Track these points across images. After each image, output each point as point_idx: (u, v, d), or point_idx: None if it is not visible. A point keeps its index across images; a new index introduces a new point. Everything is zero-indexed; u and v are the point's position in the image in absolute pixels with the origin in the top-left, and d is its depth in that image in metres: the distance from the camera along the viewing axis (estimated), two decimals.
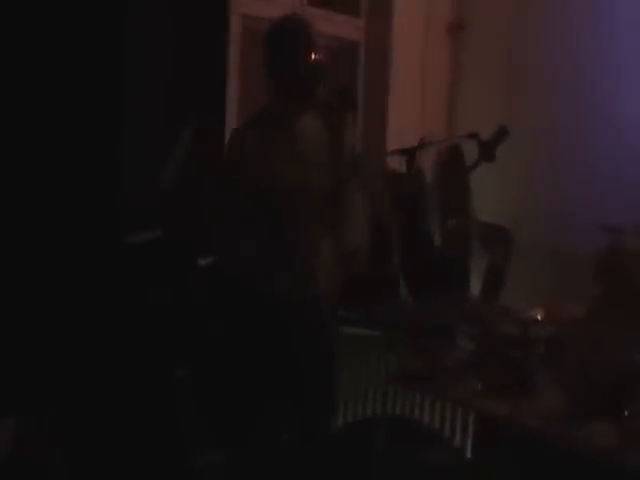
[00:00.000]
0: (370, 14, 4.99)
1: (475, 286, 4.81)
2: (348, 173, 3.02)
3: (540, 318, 3.71)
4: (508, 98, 5.00)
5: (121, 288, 3.39)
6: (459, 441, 3.44)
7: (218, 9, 3.82)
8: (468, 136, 3.50)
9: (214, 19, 3.84)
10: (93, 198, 3.34)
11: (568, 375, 3.15)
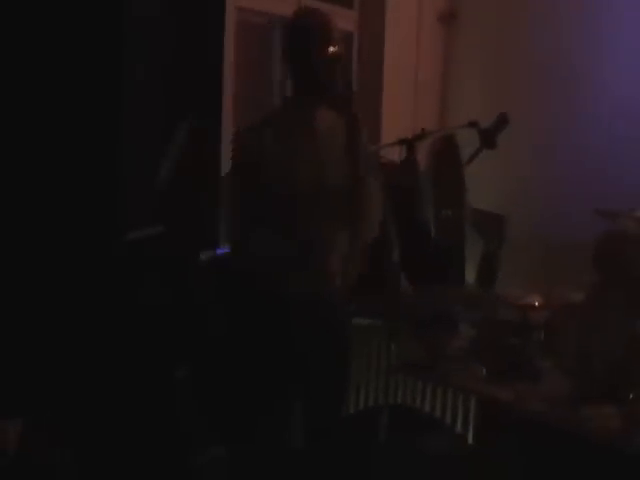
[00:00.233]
0: (363, 5, 5.00)
1: (470, 274, 4.84)
2: (365, 170, 3.00)
3: (537, 304, 3.74)
4: (501, 87, 5.02)
5: (121, 285, 3.38)
6: (461, 428, 3.46)
7: (214, 2, 3.80)
8: (468, 124, 3.49)
9: (210, 12, 3.82)
10: (92, 195, 3.33)
11: (569, 360, 3.18)
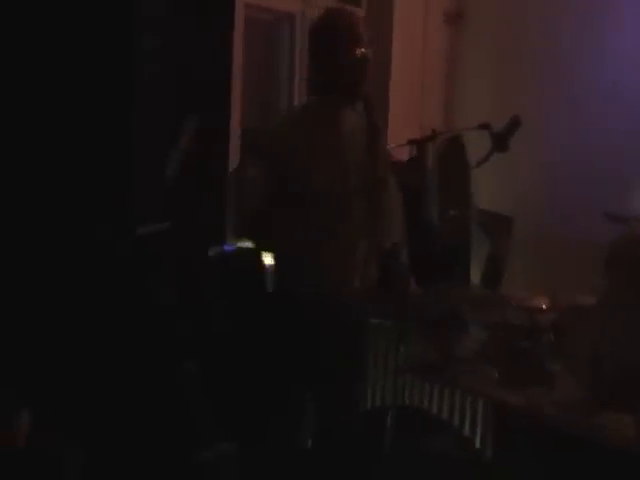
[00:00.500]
0: (370, 3, 4.98)
1: (475, 275, 4.82)
2: (385, 171, 3.00)
3: (545, 306, 3.72)
4: (508, 87, 5.00)
5: (130, 281, 3.37)
6: (469, 431, 3.44)
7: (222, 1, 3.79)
8: (479, 127, 3.47)
9: (219, 9, 3.80)
10: (101, 192, 3.32)
11: (580, 364, 3.16)
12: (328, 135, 2.98)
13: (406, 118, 4.99)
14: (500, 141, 3.43)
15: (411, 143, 3.32)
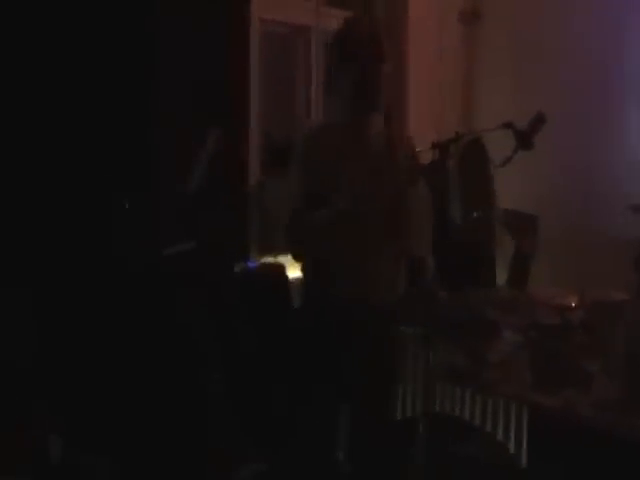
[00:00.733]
0: (385, 11, 4.94)
1: (500, 275, 4.78)
2: (407, 181, 2.98)
3: (573, 304, 3.67)
4: (527, 86, 4.96)
5: (158, 300, 3.37)
6: (502, 436, 3.39)
7: (239, 14, 3.79)
8: (503, 126, 3.42)
9: (235, 24, 3.81)
10: (127, 212, 3.33)
11: (617, 362, 3.11)
12: (359, 142, 2.98)
13: (424, 119, 4.97)
14: (524, 139, 3.38)
15: (435, 147, 3.27)
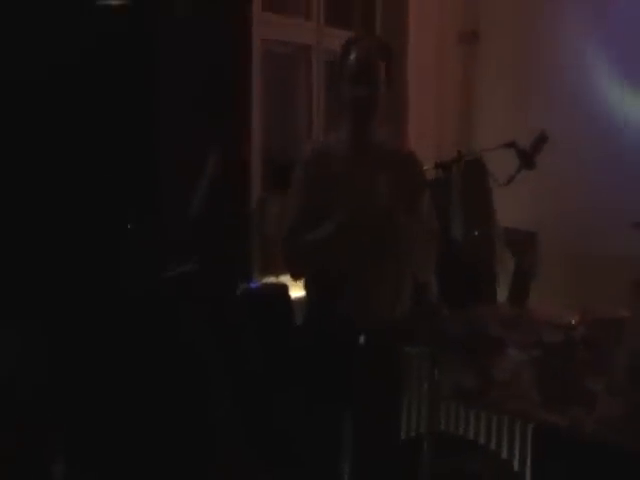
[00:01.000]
0: (385, 31, 5.01)
1: (501, 293, 4.79)
2: (403, 206, 2.95)
3: (574, 321, 3.68)
4: (526, 104, 4.99)
5: (162, 322, 3.37)
6: (507, 454, 3.39)
7: (241, 35, 3.82)
8: (505, 145, 3.44)
9: (237, 45, 3.84)
10: (131, 234, 3.34)
11: (620, 378, 3.12)
12: (360, 160, 2.98)
13: (424, 136, 4.98)
14: (527, 159, 3.40)
15: (438, 166, 3.29)
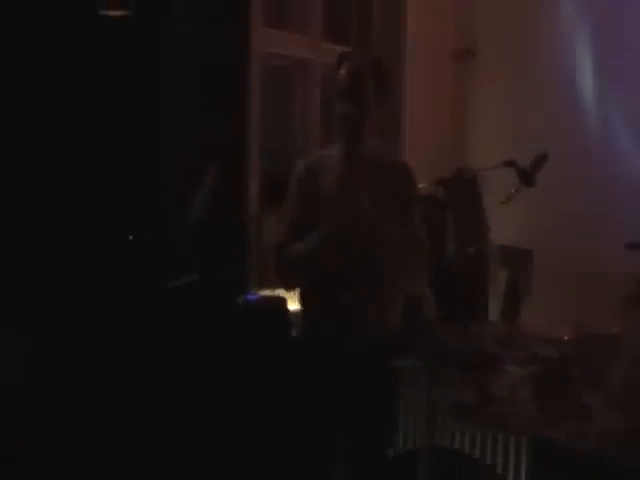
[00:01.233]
0: (381, 47, 5.02)
1: (492, 309, 4.80)
2: (411, 210, 3.00)
3: (567, 338, 3.70)
4: (522, 122, 5.02)
5: (162, 334, 3.38)
6: (502, 469, 3.39)
7: (239, 49, 3.85)
8: (505, 164, 3.49)
9: (235, 59, 3.86)
10: (131, 245, 3.35)
11: (617, 393, 3.14)
12: (352, 172, 2.97)
13: (420, 154, 5.00)
14: (527, 177, 3.44)
15: (438, 183, 3.32)
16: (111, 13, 3.35)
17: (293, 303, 3.76)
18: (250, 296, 3.98)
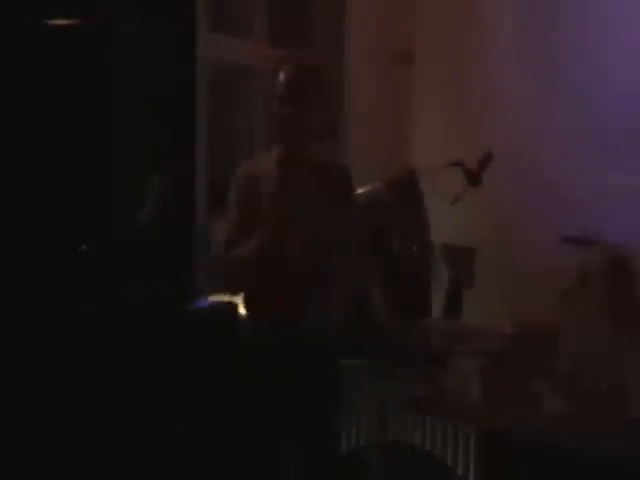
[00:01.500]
0: (321, 48, 5.07)
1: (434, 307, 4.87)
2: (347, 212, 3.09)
3: (509, 331, 3.80)
4: (466, 122, 5.08)
5: (114, 349, 3.38)
6: (451, 460, 3.46)
7: (185, 55, 3.86)
8: (452, 164, 3.57)
9: (181, 65, 3.88)
10: (80, 258, 3.35)
11: (563, 381, 3.26)
12: (288, 179, 3.03)
13: (365, 156, 5.02)
14: (474, 177, 3.53)
15: (383, 183, 3.39)
16: (57, 22, 3.36)
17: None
18: (200, 303, 3.98)
